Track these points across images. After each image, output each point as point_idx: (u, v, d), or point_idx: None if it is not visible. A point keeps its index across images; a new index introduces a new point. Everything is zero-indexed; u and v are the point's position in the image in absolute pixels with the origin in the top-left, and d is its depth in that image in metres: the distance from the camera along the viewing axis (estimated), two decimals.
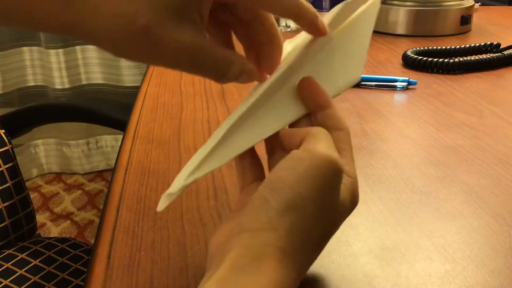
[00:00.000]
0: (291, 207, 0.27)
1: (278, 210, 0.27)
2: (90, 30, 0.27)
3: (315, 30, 0.32)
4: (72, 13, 0.27)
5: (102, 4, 0.26)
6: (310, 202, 0.27)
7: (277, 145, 0.33)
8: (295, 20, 0.31)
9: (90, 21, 0.27)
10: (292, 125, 0.33)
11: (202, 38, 0.29)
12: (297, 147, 0.29)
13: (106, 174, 1.99)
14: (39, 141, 1.96)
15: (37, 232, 0.87)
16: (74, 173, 2.00)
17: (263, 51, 0.34)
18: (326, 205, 0.28)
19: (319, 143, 0.29)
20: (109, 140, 1.98)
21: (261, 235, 0.27)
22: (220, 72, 0.30)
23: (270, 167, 0.34)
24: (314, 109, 0.33)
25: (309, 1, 1.06)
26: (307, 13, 0.31)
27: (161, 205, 0.32)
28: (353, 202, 0.31)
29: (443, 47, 0.81)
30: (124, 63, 1.79)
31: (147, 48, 0.28)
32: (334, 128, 0.32)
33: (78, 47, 1.80)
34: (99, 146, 1.99)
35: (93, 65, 1.84)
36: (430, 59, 0.75)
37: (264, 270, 0.26)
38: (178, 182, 0.31)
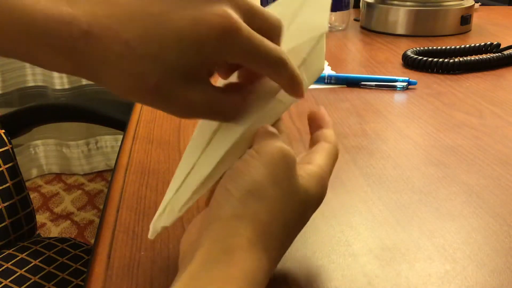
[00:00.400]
0: (252, 193, 0.28)
1: (240, 198, 0.28)
2: (97, 79, 0.28)
3: (295, 90, 0.33)
4: (76, 65, 0.27)
5: (110, 60, 0.27)
6: (269, 187, 0.28)
7: None
8: (275, 79, 0.32)
9: (97, 74, 0.28)
10: None
11: (210, 93, 0.30)
12: None
13: (106, 174, 1.99)
14: (39, 142, 1.96)
15: (37, 232, 0.87)
16: (74, 174, 2.00)
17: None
18: (286, 190, 0.29)
19: (267, 139, 0.31)
20: (109, 140, 1.98)
21: (227, 226, 0.28)
22: (230, 117, 0.32)
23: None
24: (314, 129, 0.35)
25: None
26: (288, 72, 0.31)
27: (152, 233, 0.33)
28: (321, 192, 0.32)
29: (443, 47, 0.81)
30: None
31: (158, 103, 0.29)
32: (322, 140, 0.34)
33: None
34: (99, 147, 1.99)
35: None
36: (430, 59, 0.75)
37: (235, 261, 0.26)
38: (171, 215, 0.33)
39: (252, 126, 0.32)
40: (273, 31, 0.31)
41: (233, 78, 0.35)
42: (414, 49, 0.80)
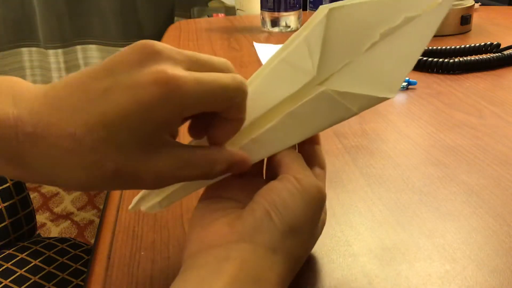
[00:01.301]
0: (292, 229, 0.29)
1: (282, 231, 0.28)
2: (51, 181, 0.27)
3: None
4: (25, 170, 0.26)
5: (60, 158, 0.25)
6: (307, 225, 0.30)
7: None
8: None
9: (49, 176, 0.26)
10: None
11: (178, 153, 0.28)
12: (275, 166, 0.32)
13: None
14: None
15: (37, 232, 0.87)
16: None
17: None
18: (315, 228, 0.32)
19: (306, 172, 0.31)
20: None
21: (262, 256, 0.28)
22: (206, 173, 0.30)
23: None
24: (304, 142, 0.34)
25: (309, 2, 1.06)
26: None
27: (133, 208, 0.33)
28: (323, 225, 0.35)
29: (443, 47, 0.81)
30: None
31: (125, 185, 0.28)
32: (317, 165, 0.35)
33: (78, 47, 1.80)
34: None
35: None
36: (430, 59, 0.75)
37: None
38: (158, 206, 0.33)
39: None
40: (224, 69, 0.29)
41: None
42: None
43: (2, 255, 0.75)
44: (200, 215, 0.31)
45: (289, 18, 1.04)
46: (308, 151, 0.35)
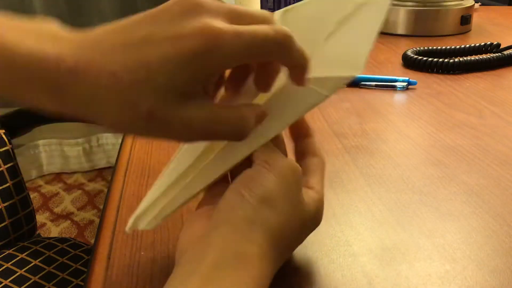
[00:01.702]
0: (265, 201, 0.29)
1: (255, 204, 0.29)
2: (87, 115, 0.27)
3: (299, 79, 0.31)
4: (64, 103, 0.27)
5: (99, 94, 0.26)
6: (280, 198, 0.30)
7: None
8: (284, 62, 0.30)
9: (86, 110, 0.27)
10: None
11: (209, 108, 0.29)
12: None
13: (106, 174, 1.99)
14: (39, 141, 1.96)
15: (37, 232, 0.87)
16: (75, 172, 2.00)
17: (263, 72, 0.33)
18: (293, 204, 0.31)
19: (277, 155, 0.32)
20: (109, 138, 1.98)
21: (239, 230, 0.28)
22: (238, 133, 0.30)
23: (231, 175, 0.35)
24: (297, 137, 0.36)
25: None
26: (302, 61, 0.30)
27: (130, 228, 0.34)
28: (317, 217, 0.33)
29: (443, 47, 0.81)
30: None
31: (155, 130, 0.28)
32: (311, 154, 0.35)
33: None
34: (100, 144, 1.99)
35: None
36: (430, 59, 0.75)
37: (246, 267, 0.27)
38: (155, 221, 0.33)
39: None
40: (264, 21, 0.29)
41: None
42: (414, 49, 0.80)
43: (2, 255, 0.75)
44: (190, 220, 0.33)
45: None
46: (301, 145, 0.36)
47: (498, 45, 0.79)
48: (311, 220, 0.33)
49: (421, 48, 0.81)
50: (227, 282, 0.26)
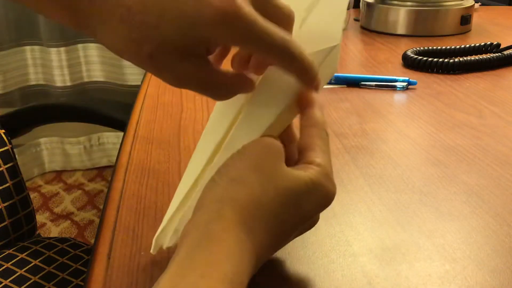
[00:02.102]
0: (234, 180, 0.29)
1: (223, 185, 0.29)
2: (96, 37, 0.29)
3: (308, 81, 0.33)
4: (78, 22, 0.29)
5: (110, 23, 0.28)
6: (250, 173, 0.29)
7: None
8: (286, 68, 0.32)
9: (96, 33, 0.29)
10: None
11: (205, 68, 0.31)
12: None
13: (106, 174, 1.99)
14: (41, 139, 1.96)
15: (37, 232, 0.87)
16: (75, 171, 2.00)
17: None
18: (269, 175, 0.29)
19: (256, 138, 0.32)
20: (110, 137, 1.99)
21: (208, 210, 0.28)
22: (221, 96, 0.33)
23: None
24: (300, 108, 0.35)
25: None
26: (302, 62, 0.31)
27: (154, 249, 0.35)
28: (327, 188, 0.31)
29: (443, 47, 0.81)
30: (126, 62, 1.79)
31: (150, 69, 0.30)
32: (309, 125, 0.34)
33: (79, 45, 1.80)
34: (100, 143, 1.99)
35: (94, 63, 1.84)
36: (430, 59, 0.75)
37: (217, 244, 0.27)
38: (176, 236, 0.34)
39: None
40: (284, 20, 0.31)
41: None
42: (414, 49, 0.80)
43: (2, 255, 0.75)
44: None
45: None
46: (302, 117, 0.35)
47: (498, 45, 0.79)
48: (305, 193, 0.30)
49: (421, 48, 0.81)
50: (198, 263, 0.26)
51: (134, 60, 0.29)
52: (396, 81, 0.69)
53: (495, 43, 0.79)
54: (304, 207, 0.30)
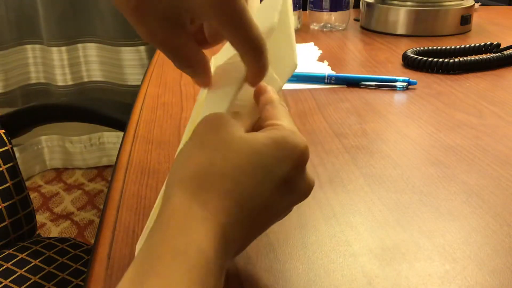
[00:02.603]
0: (181, 162, 0.29)
1: (172, 171, 0.29)
2: None
3: (254, 81, 0.34)
4: None
5: None
6: (194, 150, 0.29)
7: None
8: (248, 63, 0.33)
9: None
10: None
11: (180, 38, 0.32)
12: None
13: (106, 174, 1.99)
14: (42, 137, 1.96)
15: (37, 232, 0.87)
16: (75, 169, 2.00)
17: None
18: (216, 145, 0.29)
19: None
20: (111, 137, 1.99)
21: (161, 199, 0.29)
22: (183, 67, 0.34)
23: None
24: (256, 100, 0.35)
25: (309, 2, 1.06)
26: (261, 55, 0.32)
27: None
28: (289, 146, 0.29)
29: (443, 47, 0.81)
30: (127, 62, 1.79)
31: (132, 20, 0.31)
32: (265, 104, 0.34)
33: (79, 45, 1.80)
34: (101, 142, 1.99)
35: (95, 63, 1.84)
36: (430, 59, 0.75)
37: (167, 222, 0.26)
38: None
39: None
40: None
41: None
42: (414, 49, 0.80)
43: (2, 255, 0.75)
44: None
45: None
46: (260, 106, 0.35)
47: (498, 45, 0.79)
48: (268, 153, 0.29)
49: (421, 48, 0.81)
50: (155, 244, 0.26)
51: (120, 8, 0.31)
52: (396, 81, 0.69)
53: (495, 43, 0.79)
54: (266, 163, 0.29)
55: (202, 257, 0.25)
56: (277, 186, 0.29)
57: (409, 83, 0.69)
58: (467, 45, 0.80)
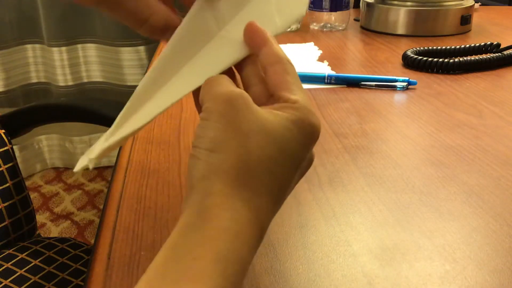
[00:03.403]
0: (212, 151, 0.27)
1: (204, 160, 0.27)
2: None
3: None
4: None
5: None
6: (226, 138, 0.27)
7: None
8: None
9: None
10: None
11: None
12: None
13: (106, 174, 1.99)
14: (42, 137, 1.96)
15: (37, 232, 0.87)
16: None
17: None
18: (246, 132, 0.27)
19: (212, 90, 0.29)
20: None
21: (198, 189, 0.27)
22: (140, 18, 0.31)
23: None
24: (254, 50, 0.33)
25: (309, 1, 1.06)
26: None
27: (78, 166, 0.32)
28: (306, 127, 0.29)
29: (443, 47, 0.81)
30: (126, 62, 1.79)
31: None
32: (270, 64, 0.31)
33: (79, 45, 1.81)
34: None
35: (95, 63, 1.84)
36: (430, 59, 0.75)
37: (210, 221, 0.25)
38: (99, 146, 0.32)
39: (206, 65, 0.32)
40: None
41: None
42: (414, 49, 0.80)
43: (2, 255, 0.75)
44: None
45: None
46: (261, 59, 0.33)
47: (498, 45, 0.79)
48: (289, 137, 0.28)
49: (421, 48, 0.81)
50: (191, 244, 0.25)
51: None
52: (396, 81, 0.69)
53: (495, 43, 0.79)
54: (293, 150, 0.29)
55: (241, 264, 0.25)
56: (298, 168, 0.29)
57: (409, 83, 0.69)
58: (467, 45, 0.80)
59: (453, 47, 0.80)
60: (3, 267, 0.72)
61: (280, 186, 0.29)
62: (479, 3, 1.21)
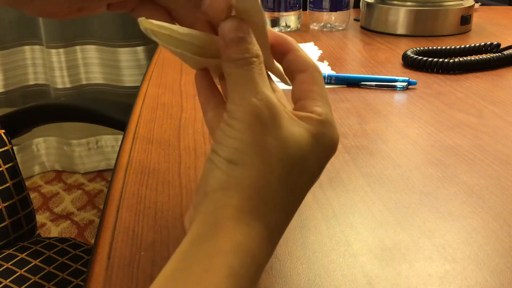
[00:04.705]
0: (234, 162, 0.26)
1: (224, 169, 0.26)
2: None
3: None
4: None
5: None
6: (250, 152, 0.26)
7: (210, 102, 0.33)
8: None
9: None
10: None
11: None
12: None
13: (106, 174, 1.99)
14: (40, 139, 1.96)
15: (37, 232, 0.87)
16: (75, 173, 2.00)
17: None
18: (271, 149, 0.27)
19: (241, 92, 0.27)
20: (109, 140, 1.99)
21: (214, 199, 0.26)
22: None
23: (207, 124, 0.33)
24: (279, 57, 0.32)
25: (309, 2, 1.06)
26: None
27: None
28: (327, 141, 0.29)
29: (443, 47, 0.81)
30: (124, 63, 1.79)
31: None
32: (298, 71, 0.31)
33: (78, 47, 1.81)
34: (99, 146, 1.99)
35: (93, 65, 1.84)
36: (430, 59, 0.75)
37: (223, 233, 0.25)
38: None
39: None
40: None
41: None
42: (414, 49, 0.80)
43: (2, 255, 0.75)
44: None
45: (289, 18, 1.04)
46: (285, 64, 0.32)
47: (498, 45, 0.79)
48: (309, 150, 0.28)
49: (421, 48, 0.81)
50: (203, 253, 0.24)
51: None
52: (396, 81, 0.69)
53: (495, 43, 0.79)
54: (312, 167, 0.29)
55: (251, 280, 0.25)
56: (311, 180, 0.29)
57: (409, 83, 0.69)
58: (467, 45, 0.80)
59: (453, 47, 0.80)
60: (3, 267, 0.72)
61: (294, 201, 0.29)
62: (479, 3, 1.21)
